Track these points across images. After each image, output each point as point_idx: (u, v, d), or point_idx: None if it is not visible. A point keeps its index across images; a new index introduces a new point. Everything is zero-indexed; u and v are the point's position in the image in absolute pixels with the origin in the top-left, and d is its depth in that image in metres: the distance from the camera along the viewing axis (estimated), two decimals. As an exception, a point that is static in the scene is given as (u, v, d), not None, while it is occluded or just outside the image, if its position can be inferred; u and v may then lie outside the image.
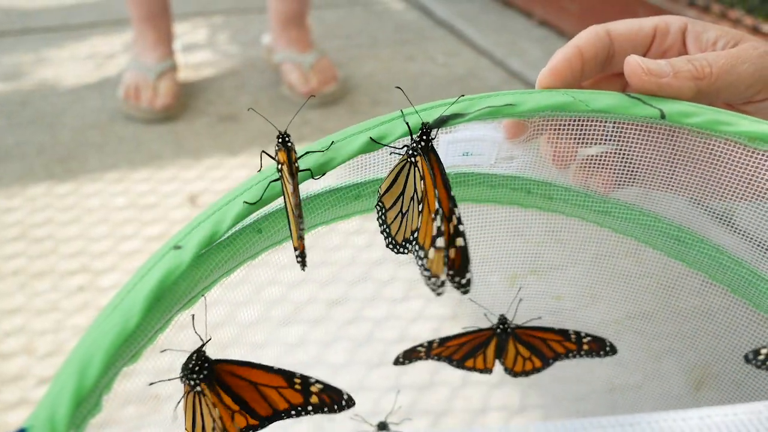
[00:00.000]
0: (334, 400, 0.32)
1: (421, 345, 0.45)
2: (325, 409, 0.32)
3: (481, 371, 0.45)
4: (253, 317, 0.48)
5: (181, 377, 0.30)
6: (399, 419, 0.49)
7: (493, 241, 0.44)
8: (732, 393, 0.49)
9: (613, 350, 0.44)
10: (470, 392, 0.72)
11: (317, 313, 0.79)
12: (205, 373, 0.31)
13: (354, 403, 0.31)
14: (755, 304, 0.37)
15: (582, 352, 0.44)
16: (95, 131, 1.22)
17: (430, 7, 1.77)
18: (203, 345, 0.31)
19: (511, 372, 0.45)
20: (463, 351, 0.45)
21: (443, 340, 0.45)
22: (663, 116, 0.33)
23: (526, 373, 0.45)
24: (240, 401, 0.32)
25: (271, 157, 0.31)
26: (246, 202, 0.31)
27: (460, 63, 1.48)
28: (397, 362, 0.47)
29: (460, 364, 0.46)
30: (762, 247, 0.36)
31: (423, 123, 0.32)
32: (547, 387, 0.72)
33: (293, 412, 0.32)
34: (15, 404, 0.69)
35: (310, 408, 0.32)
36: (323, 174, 0.32)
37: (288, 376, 0.32)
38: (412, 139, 0.32)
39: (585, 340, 0.43)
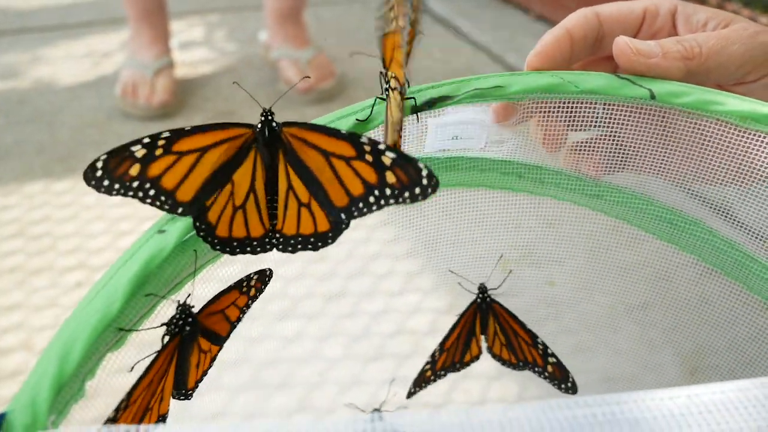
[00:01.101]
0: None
1: (426, 364, 0.44)
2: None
3: (476, 357, 0.45)
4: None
5: (165, 333, 0.30)
6: (394, 407, 0.48)
7: (487, 228, 0.43)
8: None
9: (574, 389, 0.43)
10: (469, 385, 0.72)
11: (314, 307, 0.79)
12: (187, 329, 0.30)
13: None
14: (748, 286, 0.37)
15: (546, 374, 0.43)
16: (93, 129, 1.22)
17: (428, 3, 1.77)
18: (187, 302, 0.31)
19: (490, 351, 0.44)
20: (460, 346, 0.44)
21: (442, 345, 0.44)
22: (653, 96, 0.32)
23: (501, 360, 0.44)
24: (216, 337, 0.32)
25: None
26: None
27: (457, 58, 1.48)
28: (410, 395, 0.47)
29: (461, 365, 0.45)
30: (753, 232, 0.36)
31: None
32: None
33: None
34: (12, 400, 0.69)
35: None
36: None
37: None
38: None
39: (550, 360, 0.43)
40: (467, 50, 1.52)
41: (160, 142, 0.27)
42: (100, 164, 0.27)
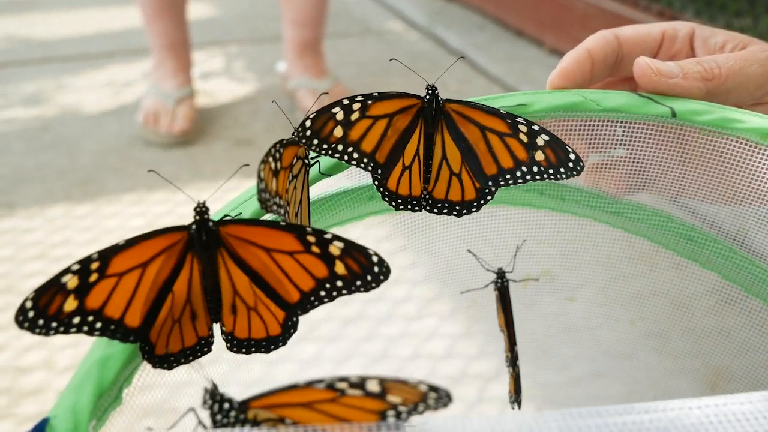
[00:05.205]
0: (362, 265, 0.25)
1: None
2: (358, 283, 0.26)
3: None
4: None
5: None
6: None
7: (502, 252, 0.44)
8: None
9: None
10: (487, 408, 0.72)
11: (332, 330, 0.80)
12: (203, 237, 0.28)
13: (387, 270, 0.25)
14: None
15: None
16: (114, 155, 1.24)
17: (443, 37, 1.80)
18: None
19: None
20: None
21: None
22: (674, 114, 0.33)
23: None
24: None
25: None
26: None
27: (472, 90, 1.50)
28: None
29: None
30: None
31: (428, 85, 0.32)
32: (563, 404, 0.72)
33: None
34: (34, 417, 0.70)
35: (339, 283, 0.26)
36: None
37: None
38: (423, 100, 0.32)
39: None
40: (482, 82, 1.54)
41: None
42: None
